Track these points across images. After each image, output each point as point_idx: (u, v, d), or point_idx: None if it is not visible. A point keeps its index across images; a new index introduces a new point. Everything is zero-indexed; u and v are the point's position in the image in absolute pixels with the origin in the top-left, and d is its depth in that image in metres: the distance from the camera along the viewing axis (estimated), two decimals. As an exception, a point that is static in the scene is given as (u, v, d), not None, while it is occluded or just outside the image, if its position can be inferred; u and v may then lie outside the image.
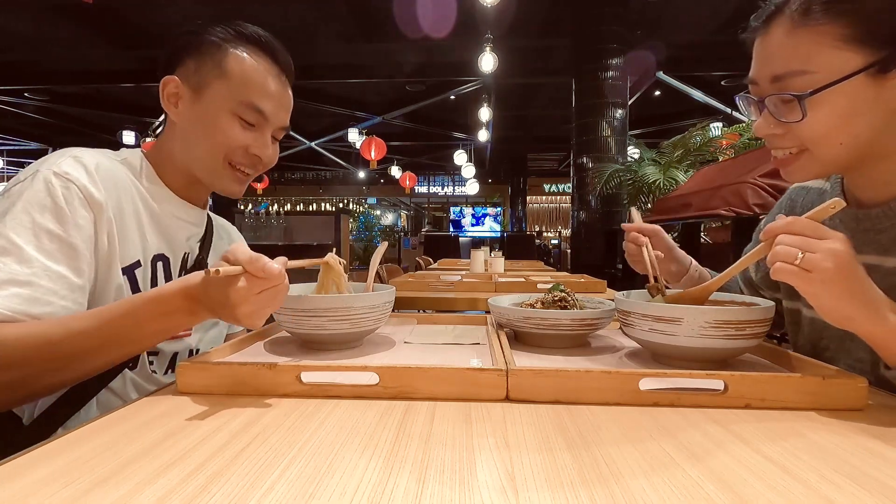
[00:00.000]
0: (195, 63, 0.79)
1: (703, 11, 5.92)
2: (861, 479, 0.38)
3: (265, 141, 0.83)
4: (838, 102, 0.61)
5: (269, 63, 0.81)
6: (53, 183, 0.66)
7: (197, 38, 0.79)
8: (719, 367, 0.65)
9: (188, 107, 0.79)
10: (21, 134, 11.01)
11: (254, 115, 0.80)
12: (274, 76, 0.81)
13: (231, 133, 0.79)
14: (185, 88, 0.79)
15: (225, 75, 0.78)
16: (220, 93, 0.78)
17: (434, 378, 0.55)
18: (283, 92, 0.83)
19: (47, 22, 6.08)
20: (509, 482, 0.37)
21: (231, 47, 0.79)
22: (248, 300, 0.57)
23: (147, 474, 0.37)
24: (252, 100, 0.79)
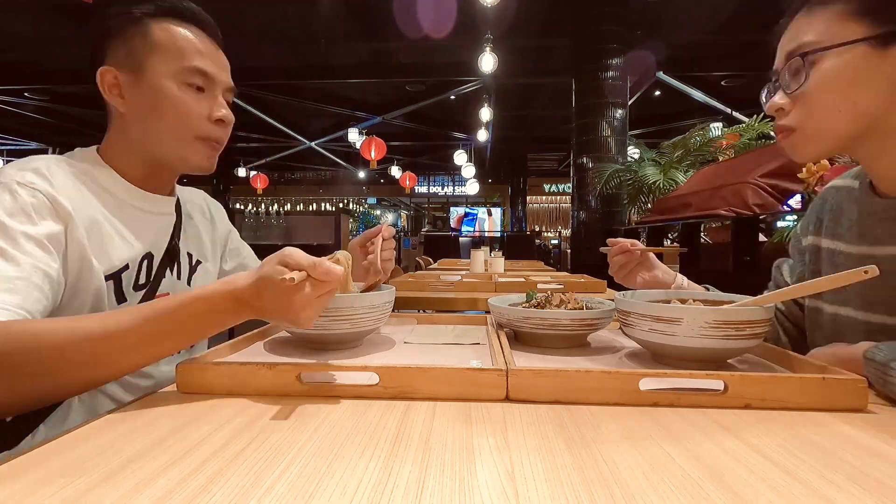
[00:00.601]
0: (124, 46, 0.77)
1: (703, 11, 5.92)
2: (861, 479, 0.38)
3: (220, 101, 0.82)
4: (839, 67, 0.65)
5: (194, 27, 0.81)
6: (19, 192, 0.66)
7: (117, 21, 0.78)
8: (719, 367, 0.65)
9: (133, 92, 0.78)
10: (21, 134, 11.02)
11: (199, 77, 0.79)
12: (203, 38, 0.81)
13: (185, 104, 0.78)
14: (123, 75, 0.77)
15: (157, 48, 0.77)
16: (158, 67, 0.77)
17: (434, 378, 0.55)
18: (216, 52, 0.83)
19: (47, 22, 6.08)
20: (509, 482, 0.37)
21: (153, 21, 0.78)
22: (312, 304, 0.57)
23: (147, 474, 0.37)
24: (191, 63, 0.78)
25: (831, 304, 0.79)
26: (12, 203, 0.65)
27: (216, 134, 0.82)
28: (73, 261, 0.69)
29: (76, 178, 0.74)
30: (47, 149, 11.70)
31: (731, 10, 5.81)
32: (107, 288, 0.73)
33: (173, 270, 0.86)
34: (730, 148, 4.52)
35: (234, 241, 1.07)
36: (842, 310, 0.78)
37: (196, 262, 0.93)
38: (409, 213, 19.91)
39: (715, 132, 4.94)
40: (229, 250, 1.05)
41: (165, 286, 0.84)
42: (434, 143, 12.19)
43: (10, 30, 6.35)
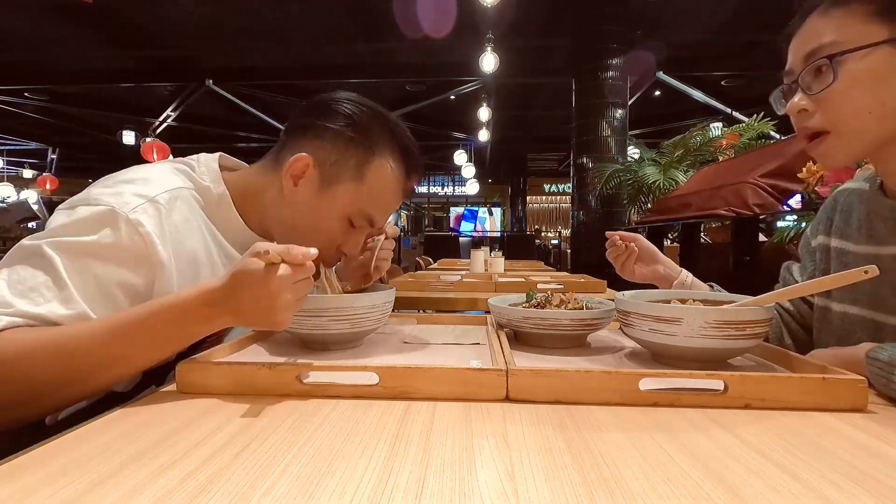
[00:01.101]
0: (337, 154, 0.76)
1: (703, 11, 5.92)
2: (861, 479, 0.38)
3: (359, 242, 0.81)
4: (867, 68, 0.65)
5: (404, 177, 0.79)
6: (122, 231, 0.63)
7: (349, 130, 0.76)
8: (719, 367, 0.65)
9: (308, 192, 0.76)
10: (21, 134, 11.00)
11: (364, 221, 0.78)
12: (403, 192, 0.80)
13: (333, 235, 0.77)
14: (314, 172, 0.76)
15: (361, 182, 0.76)
16: (347, 195, 0.76)
17: (434, 378, 0.55)
18: (400, 201, 0.82)
19: (47, 22, 6.07)
20: (509, 482, 0.37)
21: (378, 155, 0.76)
22: (290, 289, 0.56)
23: (147, 474, 0.37)
24: (372, 212, 0.77)
25: (840, 303, 0.80)
26: (109, 240, 0.62)
27: (330, 260, 0.80)
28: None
29: (192, 210, 0.73)
30: (47, 149, 11.69)
31: (731, 10, 5.81)
32: None
33: None
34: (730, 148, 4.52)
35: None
36: (851, 308, 0.78)
37: None
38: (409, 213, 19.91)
39: (715, 132, 4.94)
40: None
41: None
42: (434, 143, 12.19)
43: (10, 30, 6.34)
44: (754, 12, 5.68)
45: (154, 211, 0.66)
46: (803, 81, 0.69)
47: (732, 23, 6.04)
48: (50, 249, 0.60)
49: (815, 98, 0.68)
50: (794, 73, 0.71)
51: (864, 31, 0.64)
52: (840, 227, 0.83)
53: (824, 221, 0.88)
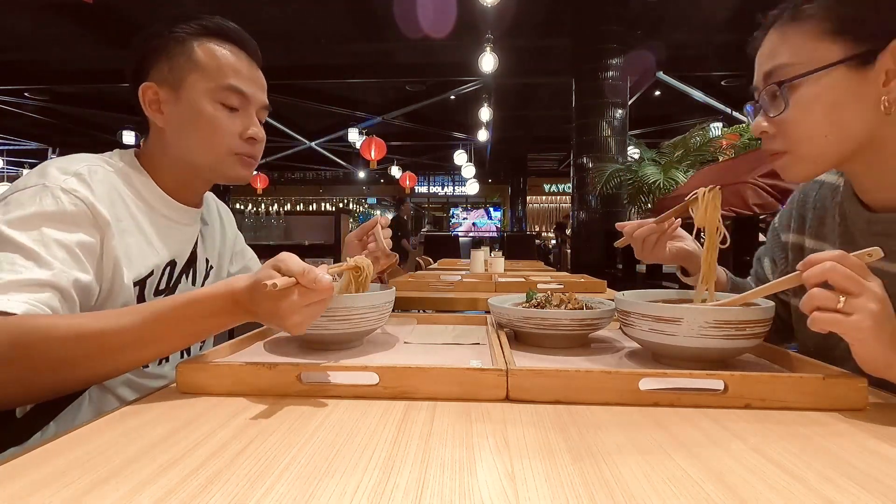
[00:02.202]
0: (167, 64, 0.79)
1: (703, 11, 5.92)
2: (861, 479, 0.38)
3: (252, 120, 0.84)
4: (820, 93, 0.62)
5: (235, 48, 0.83)
6: (62, 199, 0.67)
7: (163, 40, 0.80)
8: (719, 367, 0.65)
9: (172, 108, 0.80)
10: (21, 134, 11.01)
11: (235, 97, 0.81)
12: (243, 59, 0.83)
13: (220, 121, 0.80)
14: (163, 91, 0.80)
15: (198, 66, 0.79)
16: (197, 84, 0.79)
17: (434, 378, 0.55)
18: (255, 72, 0.85)
19: (47, 22, 6.07)
20: (509, 482, 0.37)
21: (196, 39, 0.80)
22: (299, 311, 0.58)
23: (147, 474, 0.37)
24: (229, 82, 0.80)
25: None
26: (53, 208, 0.66)
27: (247, 150, 0.84)
28: (107, 269, 0.71)
29: (115, 184, 0.76)
30: (47, 149, 11.69)
31: (731, 10, 5.81)
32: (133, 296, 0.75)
33: (189, 276, 0.89)
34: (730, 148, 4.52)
35: (239, 244, 1.08)
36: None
37: (210, 267, 0.96)
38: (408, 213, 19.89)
39: (715, 132, 4.94)
40: (235, 253, 1.07)
41: (180, 291, 0.86)
42: (434, 143, 12.19)
43: (10, 30, 6.35)
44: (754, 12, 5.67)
45: (80, 181, 0.70)
46: (762, 104, 0.68)
47: (732, 23, 6.04)
48: (6, 230, 0.63)
49: (773, 121, 0.67)
50: (758, 91, 0.69)
51: (817, 51, 0.62)
52: (814, 227, 0.81)
53: (796, 218, 0.85)
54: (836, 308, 0.51)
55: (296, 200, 17.22)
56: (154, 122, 0.81)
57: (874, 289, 0.52)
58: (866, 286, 0.51)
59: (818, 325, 0.52)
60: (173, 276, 0.84)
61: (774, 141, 0.68)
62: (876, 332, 0.51)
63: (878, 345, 0.51)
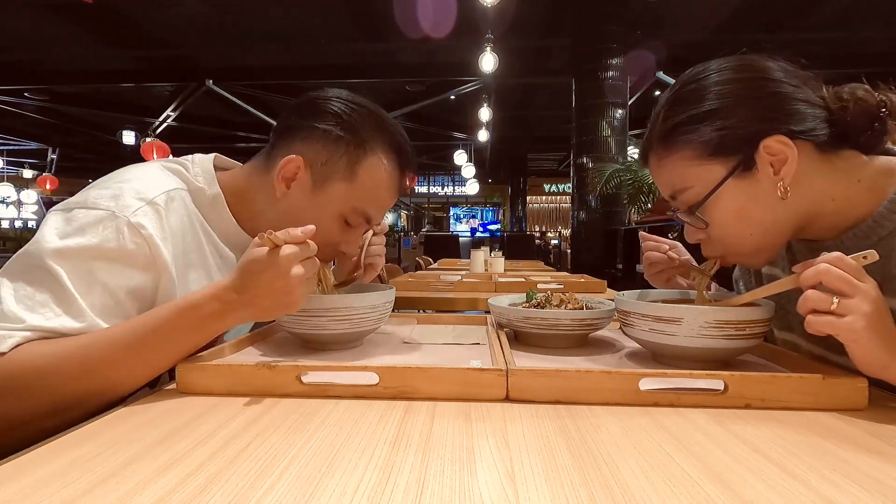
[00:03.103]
0: (328, 154, 0.75)
1: (703, 11, 5.92)
2: (861, 478, 0.38)
3: (357, 240, 0.81)
4: (725, 206, 0.66)
5: (397, 172, 0.78)
6: (125, 235, 0.63)
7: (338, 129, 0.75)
8: (719, 367, 0.65)
9: (301, 195, 0.75)
10: (21, 134, 11.00)
11: (360, 219, 0.78)
12: (396, 186, 0.79)
13: (329, 235, 0.76)
14: (306, 174, 0.75)
15: (353, 180, 0.75)
16: (339, 194, 0.75)
17: (434, 378, 0.55)
18: (395, 198, 0.81)
19: (47, 22, 6.07)
20: (509, 482, 0.37)
21: (369, 152, 0.75)
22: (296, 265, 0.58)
23: (147, 474, 0.37)
24: (367, 208, 0.77)
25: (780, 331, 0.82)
26: (113, 245, 0.62)
27: (328, 258, 0.79)
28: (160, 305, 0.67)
29: (190, 211, 0.72)
30: (47, 149, 11.69)
31: (731, 10, 5.81)
32: None
33: None
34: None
35: None
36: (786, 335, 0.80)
37: None
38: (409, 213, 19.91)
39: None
40: None
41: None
42: (434, 143, 12.19)
43: (11, 30, 6.35)
44: (754, 12, 5.68)
45: (154, 213, 0.66)
46: (684, 217, 0.70)
47: (732, 23, 6.04)
48: (53, 262, 0.59)
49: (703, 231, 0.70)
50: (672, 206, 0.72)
51: (704, 173, 0.65)
52: None
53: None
54: (830, 310, 0.52)
55: (296, 200, 17.19)
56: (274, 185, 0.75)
57: (868, 290, 0.52)
58: (860, 287, 0.52)
59: (813, 328, 0.53)
60: None
61: (714, 247, 0.71)
62: (870, 332, 0.51)
63: (873, 346, 0.51)
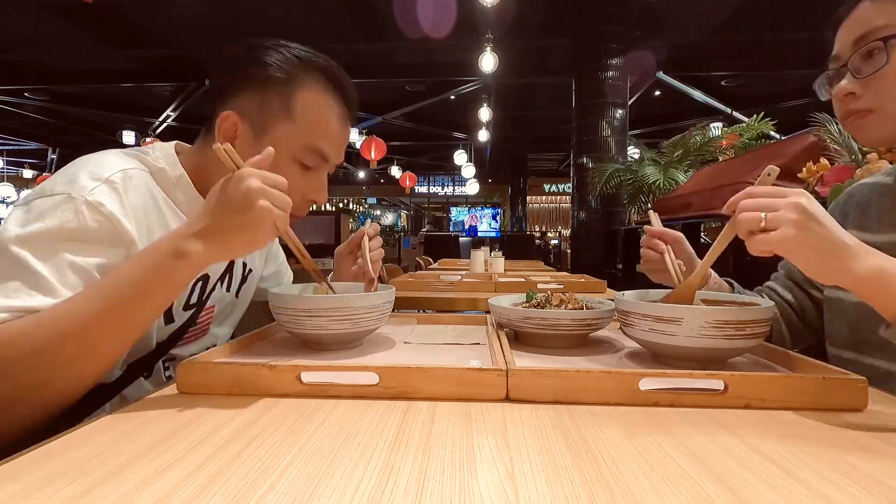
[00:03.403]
0: (259, 100, 0.73)
1: (703, 11, 5.92)
2: (861, 479, 0.38)
3: (322, 183, 0.78)
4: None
5: (337, 100, 0.76)
6: (85, 214, 0.62)
7: (261, 73, 0.73)
8: (719, 367, 0.65)
9: (246, 147, 0.72)
10: (21, 134, 11.01)
11: (315, 158, 0.75)
12: (341, 116, 0.77)
13: (294, 179, 0.73)
14: (244, 126, 0.73)
15: (291, 117, 0.73)
16: (283, 136, 0.73)
17: (434, 378, 0.55)
18: (345, 131, 0.78)
19: (47, 22, 6.08)
20: (509, 482, 0.37)
21: (300, 85, 0.73)
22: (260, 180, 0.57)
23: (147, 474, 0.37)
24: (317, 144, 0.74)
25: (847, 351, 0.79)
26: (74, 225, 0.61)
27: (300, 210, 0.77)
28: None
29: (152, 189, 0.71)
30: (47, 149, 11.68)
31: (731, 10, 5.82)
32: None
33: (224, 283, 0.84)
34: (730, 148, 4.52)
35: (274, 244, 1.03)
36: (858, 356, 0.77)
37: (248, 270, 0.91)
38: (409, 213, 19.91)
39: (715, 132, 4.94)
40: (271, 253, 1.03)
41: (213, 299, 0.82)
42: (434, 143, 12.20)
43: (11, 30, 6.35)
44: (754, 12, 5.68)
45: (111, 191, 0.65)
46: (853, 65, 0.69)
47: (732, 23, 6.04)
48: (17, 248, 0.58)
49: (863, 81, 0.68)
50: (842, 59, 0.71)
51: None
52: (856, 219, 0.82)
53: (839, 214, 0.86)
54: (761, 227, 0.52)
55: (296, 200, 17.19)
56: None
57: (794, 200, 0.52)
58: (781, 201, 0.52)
59: (753, 251, 0.54)
60: (206, 289, 0.79)
61: (860, 101, 0.69)
62: (804, 239, 0.51)
63: (815, 253, 0.51)
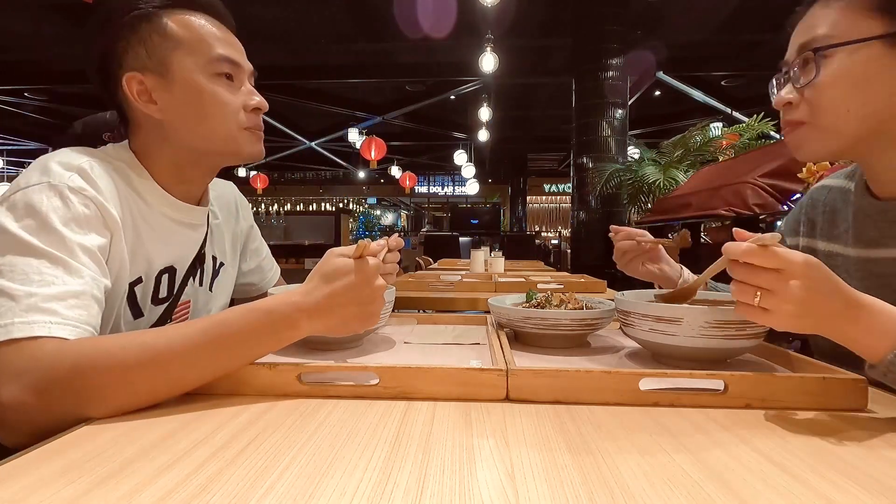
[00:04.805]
0: (142, 47, 0.72)
1: (703, 11, 5.92)
2: (861, 479, 0.38)
3: (251, 90, 0.79)
4: (852, 66, 0.63)
5: (207, 16, 0.77)
6: (73, 200, 0.62)
7: (128, 20, 0.72)
8: (719, 367, 0.65)
9: (165, 95, 0.73)
10: (21, 134, 11.01)
11: (228, 66, 0.76)
12: (217, 25, 0.77)
13: (224, 97, 0.75)
14: (150, 79, 0.72)
15: (179, 42, 0.72)
16: (185, 62, 0.73)
17: (434, 378, 0.55)
18: (232, 37, 0.79)
19: (47, 22, 6.07)
20: (509, 482, 0.37)
21: (166, 15, 0.73)
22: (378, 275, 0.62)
23: (147, 474, 0.37)
24: (217, 52, 0.74)
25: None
26: (65, 211, 0.61)
27: (255, 122, 0.79)
28: (113, 270, 0.67)
29: (115, 181, 0.71)
30: (47, 149, 11.64)
31: (730, 10, 5.82)
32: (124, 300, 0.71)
33: (196, 278, 0.84)
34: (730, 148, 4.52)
35: (255, 240, 1.04)
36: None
37: (220, 264, 0.91)
38: (409, 213, 19.91)
39: (715, 132, 4.94)
40: (251, 249, 1.03)
41: (187, 294, 0.83)
42: (434, 143, 12.20)
43: (10, 30, 6.35)
44: (754, 12, 5.68)
45: (84, 177, 0.65)
46: (793, 73, 0.68)
47: (732, 23, 6.04)
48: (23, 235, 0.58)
49: (800, 91, 0.67)
50: (788, 64, 0.69)
51: (858, 26, 0.62)
52: (825, 228, 0.81)
53: (805, 222, 0.85)
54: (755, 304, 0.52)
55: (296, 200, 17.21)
56: (148, 114, 0.73)
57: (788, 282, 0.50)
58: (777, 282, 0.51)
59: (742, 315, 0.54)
60: (175, 283, 0.80)
61: (796, 111, 0.68)
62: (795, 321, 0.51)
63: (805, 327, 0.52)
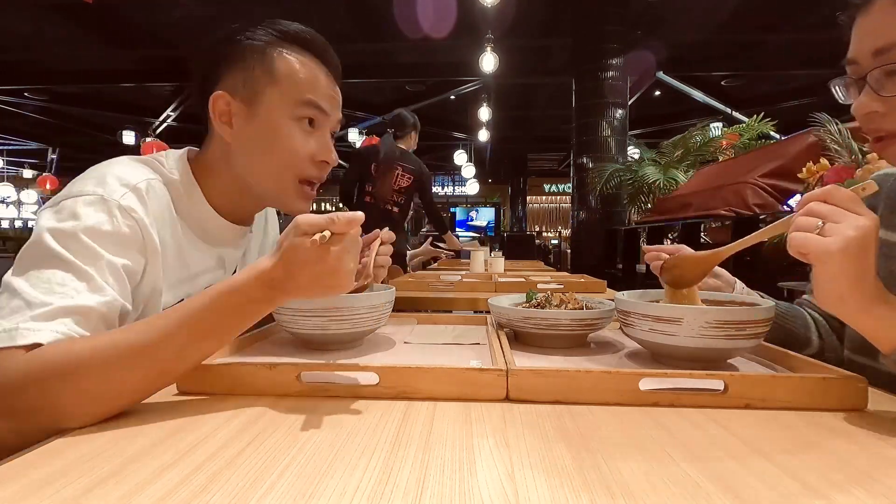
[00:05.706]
0: (242, 74, 0.74)
1: (703, 11, 5.92)
2: (861, 478, 0.38)
3: (328, 142, 0.80)
4: None
5: (316, 60, 0.78)
6: (118, 217, 0.63)
7: (238, 48, 0.75)
8: (719, 367, 0.65)
9: (244, 123, 0.75)
10: (21, 134, 11.00)
11: (313, 111, 0.76)
12: (323, 73, 0.78)
13: (295, 142, 0.75)
14: (236, 104, 0.74)
15: (276, 80, 0.74)
16: (275, 100, 0.74)
17: (434, 378, 0.55)
18: (334, 87, 0.80)
19: (47, 22, 6.07)
20: (509, 482, 0.37)
21: (278, 50, 0.75)
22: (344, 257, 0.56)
23: (147, 474, 0.37)
24: (308, 96, 0.75)
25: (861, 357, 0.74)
26: (108, 226, 0.63)
27: (316, 174, 0.79)
28: (144, 295, 0.68)
29: (167, 201, 0.72)
30: (47, 149, 11.69)
31: (730, 10, 5.82)
32: None
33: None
34: (730, 148, 4.52)
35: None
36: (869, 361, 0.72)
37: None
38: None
39: (715, 132, 4.94)
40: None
41: None
42: (434, 143, 12.19)
43: (11, 30, 6.35)
44: (754, 12, 5.68)
45: (138, 197, 0.67)
46: (873, 80, 0.61)
47: (732, 23, 6.04)
48: (57, 247, 0.59)
49: (887, 100, 0.61)
50: (861, 68, 0.63)
51: None
52: (886, 216, 0.76)
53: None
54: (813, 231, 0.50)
55: (296, 200, 17.19)
56: (221, 134, 0.75)
57: (859, 220, 0.49)
58: (849, 215, 0.49)
59: (794, 245, 0.51)
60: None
61: (885, 121, 0.62)
62: (842, 257, 0.49)
63: (841, 273, 0.49)
